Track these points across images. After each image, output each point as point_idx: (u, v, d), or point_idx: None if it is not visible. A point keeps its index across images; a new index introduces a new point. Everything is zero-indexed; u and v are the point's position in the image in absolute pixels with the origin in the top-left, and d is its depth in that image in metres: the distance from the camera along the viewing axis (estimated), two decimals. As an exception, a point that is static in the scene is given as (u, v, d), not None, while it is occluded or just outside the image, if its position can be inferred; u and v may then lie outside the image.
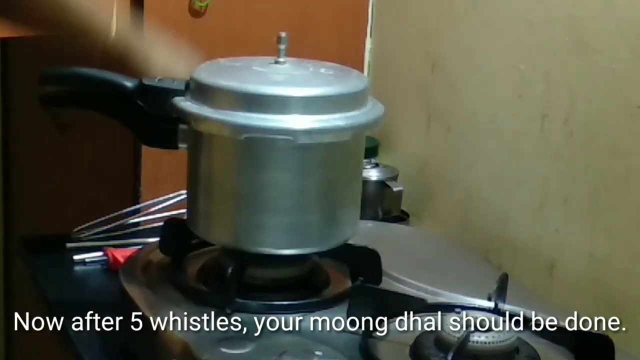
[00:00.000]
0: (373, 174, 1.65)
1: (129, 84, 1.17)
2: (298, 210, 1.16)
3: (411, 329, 1.12)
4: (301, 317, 1.15)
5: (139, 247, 1.39)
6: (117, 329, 1.25)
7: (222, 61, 1.24)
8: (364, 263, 1.23)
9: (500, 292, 1.18)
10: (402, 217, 1.66)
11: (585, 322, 1.20)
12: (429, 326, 1.10)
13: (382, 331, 1.13)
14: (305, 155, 1.14)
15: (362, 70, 1.79)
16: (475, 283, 1.26)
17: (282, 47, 1.20)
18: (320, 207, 1.17)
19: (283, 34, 1.20)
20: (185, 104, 1.16)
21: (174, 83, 1.18)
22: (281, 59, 1.20)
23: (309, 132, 1.13)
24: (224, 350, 1.05)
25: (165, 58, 1.25)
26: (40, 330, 1.69)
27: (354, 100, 1.17)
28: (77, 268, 1.46)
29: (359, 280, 1.16)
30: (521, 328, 1.11)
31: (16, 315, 1.28)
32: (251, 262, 1.18)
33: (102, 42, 1.24)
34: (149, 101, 1.18)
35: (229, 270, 1.14)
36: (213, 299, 1.16)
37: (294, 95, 1.13)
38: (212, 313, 1.14)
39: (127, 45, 1.23)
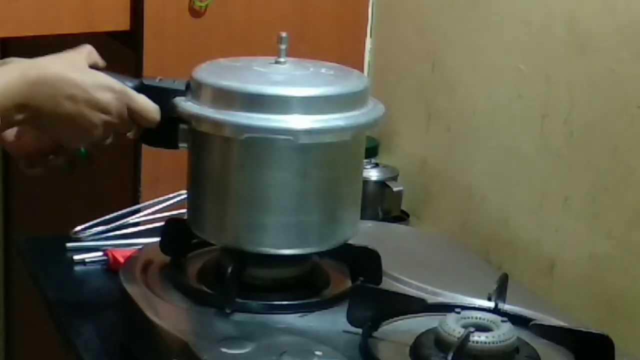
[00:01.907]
0: (373, 174, 1.65)
1: (129, 84, 1.17)
2: (298, 210, 1.16)
3: (411, 329, 1.12)
4: (301, 317, 1.15)
5: (139, 247, 1.39)
6: (117, 329, 1.25)
7: (223, 61, 1.24)
8: (364, 263, 1.23)
9: (500, 292, 1.18)
10: (402, 217, 1.66)
11: (585, 322, 1.20)
12: (429, 326, 1.10)
13: (382, 331, 1.13)
14: (305, 155, 1.14)
15: (362, 70, 1.79)
16: (475, 283, 1.26)
17: (283, 47, 1.20)
18: (320, 207, 1.17)
19: (283, 34, 1.20)
20: (186, 104, 1.16)
21: (175, 83, 1.18)
22: (281, 59, 1.20)
23: (309, 132, 1.13)
24: (224, 350, 1.05)
25: None
26: (40, 330, 1.69)
27: (355, 100, 1.17)
28: (77, 268, 1.46)
29: (359, 280, 1.16)
30: (521, 328, 1.11)
31: (16, 315, 1.28)
32: (251, 262, 1.18)
33: None
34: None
35: (229, 270, 1.14)
36: (213, 299, 1.16)
37: (295, 95, 1.13)
38: (212, 313, 1.14)
39: None
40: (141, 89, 1.17)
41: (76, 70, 1.11)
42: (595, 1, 1.31)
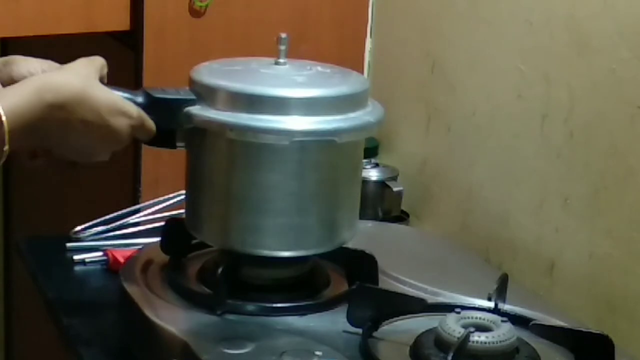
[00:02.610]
0: (373, 174, 1.65)
1: (139, 99, 1.14)
2: (295, 212, 1.16)
3: (411, 329, 1.12)
4: (301, 317, 1.15)
5: (139, 247, 1.39)
6: (117, 329, 1.25)
7: (219, 63, 1.22)
8: (360, 267, 1.22)
9: (500, 292, 1.18)
10: (402, 217, 1.66)
11: (585, 322, 1.20)
12: (429, 326, 1.10)
13: (382, 331, 1.13)
14: (303, 156, 1.14)
15: (362, 71, 1.79)
16: (475, 283, 1.26)
17: (282, 47, 1.20)
18: (317, 209, 1.17)
19: (283, 35, 1.19)
20: (209, 113, 1.13)
21: (182, 92, 1.16)
22: (281, 60, 1.20)
23: (311, 134, 1.13)
24: (224, 350, 1.05)
25: None
26: (40, 330, 1.69)
27: (355, 101, 1.17)
28: (77, 268, 1.46)
29: (355, 284, 1.16)
30: (521, 328, 1.11)
31: (16, 315, 1.27)
32: (249, 263, 1.18)
33: None
34: (159, 113, 1.14)
35: (219, 272, 1.14)
36: (205, 300, 1.16)
37: (314, 95, 1.13)
38: (212, 313, 1.14)
39: None
40: (151, 102, 1.14)
41: (93, 92, 1.07)
42: (595, 1, 1.31)
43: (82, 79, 1.07)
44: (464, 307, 1.12)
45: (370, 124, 1.17)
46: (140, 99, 1.14)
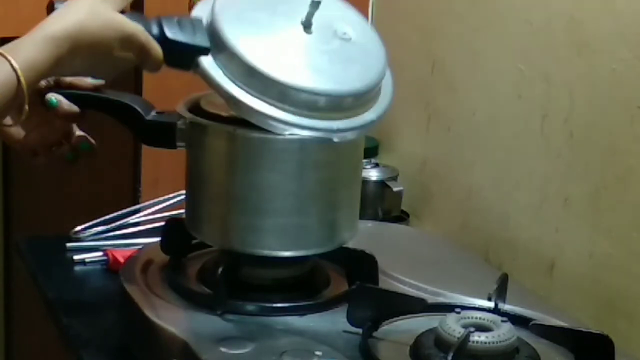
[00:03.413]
0: (373, 174, 1.65)
1: (153, 30, 1.12)
2: (295, 212, 1.15)
3: (411, 329, 1.12)
4: (301, 317, 1.15)
5: (139, 247, 1.39)
6: (117, 329, 1.25)
7: (248, 7, 1.16)
8: (360, 267, 1.22)
9: (500, 292, 1.18)
10: (402, 217, 1.66)
11: (585, 322, 1.20)
12: (429, 326, 1.10)
13: (382, 331, 1.13)
14: (303, 156, 1.14)
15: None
16: (475, 283, 1.26)
17: (312, 11, 1.13)
18: (317, 209, 1.16)
19: None
20: (218, 75, 1.11)
21: (197, 37, 1.13)
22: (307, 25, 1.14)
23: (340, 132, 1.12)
24: (224, 350, 1.05)
25: None
26: (40, 330, 1.69)
27: (361, 99, 1.15)
28: (77, 268, 1.46)
29: (355, 284, 1.16)
30: (521, 328, 1.11)
31: (16, 315, 1.27)
32: (249, 262, 1.18)
33: None
34: (169, 52, 1.12)
35: (219, 272, 1.14)
36: (205, 300, 1.16)
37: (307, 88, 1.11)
38: (212, 313, 1.14)
39: None
40: (163, 40, 1.12)
41: (98, 28, 1.07)
42: (595, 1, 1.31)
43: (87, 15, 1.08)
44: (464, 307, 1.12)
45: (370, 125, 1.17)
46: (154, 32, 1.12)
